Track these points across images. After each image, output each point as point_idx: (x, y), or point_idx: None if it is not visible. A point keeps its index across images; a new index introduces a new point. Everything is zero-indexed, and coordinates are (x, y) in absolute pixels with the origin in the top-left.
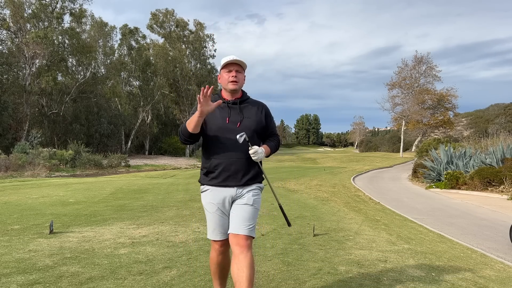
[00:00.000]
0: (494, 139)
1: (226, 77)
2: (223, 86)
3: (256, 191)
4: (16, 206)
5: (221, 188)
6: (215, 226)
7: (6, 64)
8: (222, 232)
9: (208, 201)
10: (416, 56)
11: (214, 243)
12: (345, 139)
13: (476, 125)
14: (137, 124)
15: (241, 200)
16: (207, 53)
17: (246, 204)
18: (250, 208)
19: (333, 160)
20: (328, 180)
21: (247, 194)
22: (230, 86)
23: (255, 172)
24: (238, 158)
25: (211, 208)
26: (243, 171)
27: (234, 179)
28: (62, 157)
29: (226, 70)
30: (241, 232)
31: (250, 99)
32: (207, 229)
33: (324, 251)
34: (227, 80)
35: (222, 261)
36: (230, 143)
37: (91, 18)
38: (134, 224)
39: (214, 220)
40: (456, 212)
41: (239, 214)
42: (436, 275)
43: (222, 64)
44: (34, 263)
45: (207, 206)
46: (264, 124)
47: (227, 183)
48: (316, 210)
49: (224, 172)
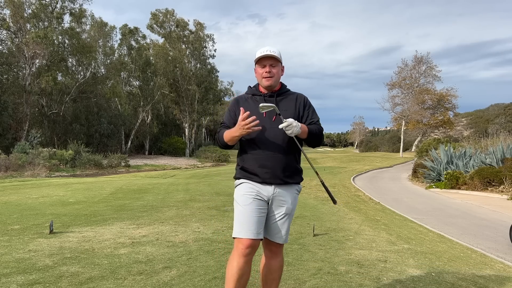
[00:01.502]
0: (494, 139)
1: (260, 72)
2: (258, 80)
3: (295, 195)
4: (16, 206)
5: (258, 185)
6: (245, 221)
7: (6, 64)
8: (252, 231)
9: (242, 193)
10: (416, 56)
11: (239, 242)
12: (345, 139)
13: (476, 125)
14: (137, 124)
15: (281, 208)
16: (207, 53)
17: (285, 214)
18: (289, 217)
19: (333, 160)
20: (328, 180)
21: (287, 200)
22: (264, 83)
23: (295, 170)
24: (275, 153)
25: (245, 200)
26: (281, 168)
27: (272, 177)
28: (62, 157)
29: (260, 65)
30: (277, 241)
31: (290, 91)
32: (234, 226)
33: (324, 251)
34: (261, 75)
35: (243, 267)
36: (266, 137)
37: (91, 18)
38: (134, 224)
39: (245, 214)
40: (456, 212)
41: (278, 223)
42: (436, 275)
43: (256, 59)
44: (34, 263)
45: (240, 198)
46: (301, 116)
47: (264, 180)
48: (316, 210)
49: (260, 169)
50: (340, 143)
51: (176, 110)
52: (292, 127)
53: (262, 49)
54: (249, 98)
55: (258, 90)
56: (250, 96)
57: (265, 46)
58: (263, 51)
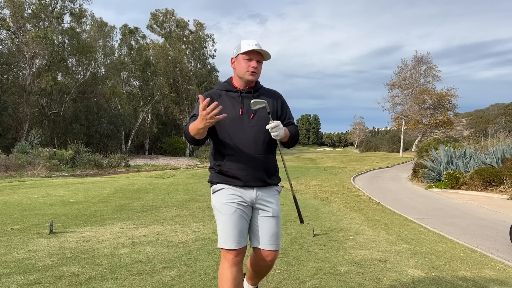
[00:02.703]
0: (494, 139)
1: (244, 65)
2: (238, 73)
3: (277, 196)
4: (16, 206)
5: (239, 189)
6: (230, 232)
7: (6, 64)
8: (239, 239)
9: (224, 202)
10: (416, 56)
11: (228, 253)
12: (345, 139)
13: (476, 125)
14: (137, 124)
15: (266, 212)
16: (207, 53)
17: (273, 217)
18: (277, 220)
19: (333, 160)
20: (328, 180)
21: (271, 202)
22: (248, 77)
23: (275, 170)
24: (256, 153)
25: (228, 209)
26: (263, 169)
27: (253, 179)
28: (62, 157)
29: (247, 57)
30: (271, 249)
31: (264, 88)
32: (219, 236)
33: (324, 251)
34: (246, 69)
35: (236, 275)
36: (244, 137)
37: (91, 18)
38: (134, 224)
39: (231, 223)
40: (456, 212)
41: (268, 228)
42: (436, 275)
43: (243, 50)
44: (34, 263)
45: (221, 208)
46: (280, 115)
47: (246, 184)
48: (316, 210)
49: (241, 171)
50: (340, 143)
51: (176, 110)
52: (279, 128)
53: (249, 41)
54: (223, 94)
55: (232, 85)
56: (224, 92)
57: (251, 39)
58: (253, 44)
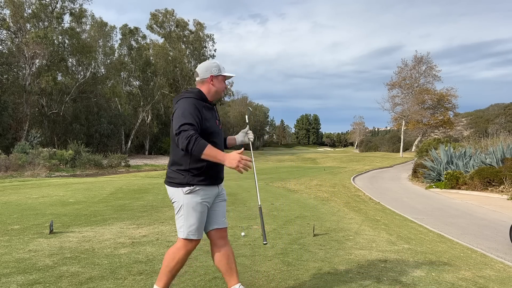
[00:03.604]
0: (494, 139)
1: (223, 85)
2: (218, 90)
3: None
4: (16, 206)
5: (211, 187)
6: (201, 225)
7: (6, 64)
8: (202, 231)
9: (199, 201)
10: (416, 56)
11: (191, 242)
12: (345, 139)
13: (476, 125)
14: (137, 124)
15: (221, 196)
16: (207, 53)
17: (224, 200)
18: (225, 202)
19: (333, 160)
20: (328, 180)
21: (223, 189)
22: (221, 95)
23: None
24: None
25: (202, 207)
26: (223, 169)
27: (220, 178)
28: (62, 157)
29: (223, 80)
30: (224, 226)
31: None
32: (189, 229)
33: (324, 251)
34: (222, 89)
35: (186, 261)
36: (220, 143)
37: (91, 18)
38: (134, 224)
39: (203, 219)
40: (456, 212)
41: (221, 210)
42: (436, 275)
43: (224, 74)
44: (34, 263)
45: (197, 206)
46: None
47: (216, 182)
48: (316, 210)
49: (215, 173)
50: (340, 143)
51: None
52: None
53: (224, 67)
54: (202, 105)
55: (204, 97)
56: (203, 104)
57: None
58: (230, 73)
